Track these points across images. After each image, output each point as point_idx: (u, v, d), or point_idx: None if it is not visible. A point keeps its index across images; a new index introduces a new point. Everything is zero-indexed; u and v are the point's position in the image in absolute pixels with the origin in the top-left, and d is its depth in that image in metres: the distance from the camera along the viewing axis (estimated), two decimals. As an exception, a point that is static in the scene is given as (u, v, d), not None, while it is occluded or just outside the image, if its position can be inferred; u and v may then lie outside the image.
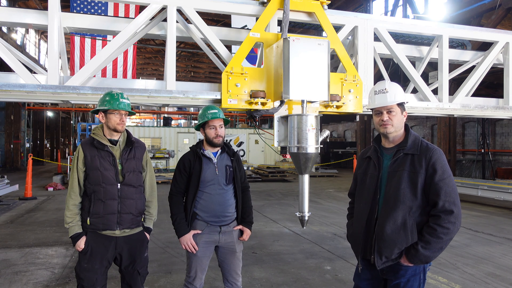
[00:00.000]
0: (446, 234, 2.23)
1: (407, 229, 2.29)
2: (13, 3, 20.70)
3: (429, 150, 2.35)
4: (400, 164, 2.38)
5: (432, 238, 2.24)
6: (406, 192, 2.31)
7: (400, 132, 2.49)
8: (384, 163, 2.47)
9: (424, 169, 2.31)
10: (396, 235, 2.30)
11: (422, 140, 2.43)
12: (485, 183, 11.11)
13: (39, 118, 30.30)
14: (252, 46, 3.95)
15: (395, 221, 2.31)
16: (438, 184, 2.27)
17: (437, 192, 2.27)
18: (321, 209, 10.10)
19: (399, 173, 2.35)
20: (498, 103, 5.29)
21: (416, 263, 2.30)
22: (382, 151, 2.53)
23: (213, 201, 3.13)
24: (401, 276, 2.35)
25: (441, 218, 2.24)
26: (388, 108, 2.44)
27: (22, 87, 3.54)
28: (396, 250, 2.31)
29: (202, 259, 3.13)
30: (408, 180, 2.32)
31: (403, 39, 7.53)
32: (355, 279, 2.64)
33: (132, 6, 12.94)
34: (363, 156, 2.66)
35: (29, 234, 7.11)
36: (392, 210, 2.33)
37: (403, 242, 2.30)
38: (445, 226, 2.23)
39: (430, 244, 2.24)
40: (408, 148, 2.39)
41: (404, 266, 2.34)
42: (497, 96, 5.58)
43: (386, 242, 2.32)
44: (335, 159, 25.64)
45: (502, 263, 5.60)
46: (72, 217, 2.91)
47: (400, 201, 2.31)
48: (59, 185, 13.91)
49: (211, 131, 3.15)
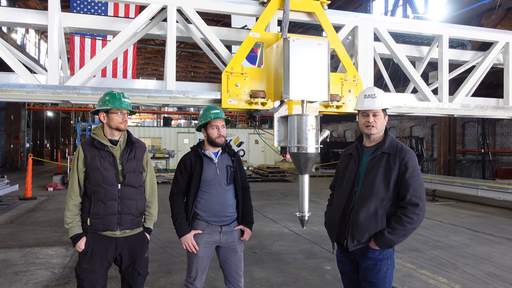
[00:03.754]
0: (410, 223, 2.56)
1: (378, 217, 2.62)
2: (13, 3, 20.70)
3: (403, 151, 2.69)
4: (377, 161, 2.70)
5: (398, 225, 2.57)
6: (380, 185, 2.63)
7: (381, 133, 2.80)
8: (363, 160, 2.79)
9: (397, 166, 2.64)
10: (368, 222, 2.62)
11: (398, 142, 2.77)
12: (485, 183, 11.10)
13: (39, 118, 30.29)
14: (252, 46, 3.95)
15: (368, 209, 2.62)
16: (408, 180, 2.60)
17: (406, 187, 2.59)
18: (321, 209, 10.09)
19: (376, 169, 2.68)
20: (498, 103, 5.29)
21: (382, 246, 2.60)
22: (363, 149, 2.84)
23: (214, 201, 3.12)
24: (369, 259, 2.65)
25: (407, 209, 2.57)
26: (374, 111, 2.75)
27: (22, 87, 3.54)
28: (366, 235, 2.63)
29: (203, 259, 3.13)
30: (383, 175, 2.65)
31: (403, 39, 7.54)
32: (338, 265, 2.91)
33: (132, 6, 12.94)
34: (346, 153, 2.97)
35: (29, 234, 7.11)
36: (366, 200, 2.64)
37: (373, 228, 2.62)
38: (410, 216, 2.56)
39: (395, 230, 2.57)
40: (386, 148, 2.71)
41: (372, 250, 2.64)
42: (497, 96, 5.58)
43: (358, 228, 2.64)
44: (335, 159, 25.62)
45: (502, 263, 5.60)
46: (72, 218, 2.90)
47: (374, 193, 2.63)
48: (59, 185, 13.91)
49: (213, 131, 3.15)
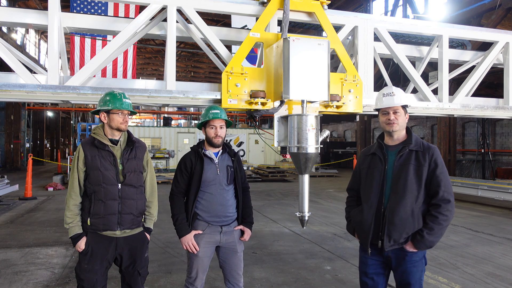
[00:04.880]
0: (445, 221, 2.59)
1: (415, 216, 2.62)
2: (13, 3, 20.70)
3: (431, 148, 2.72)
4: (406, 159, 2.70)
5: (435, 224, 2.57)
6: (413, 183, 2.64)
7: (403, 132, 2.81)
8: (389, 158, 2.78)
9: (427, 163, 2.65)
10: (405, 221, 2.61)
11: (422, 140, 2.79)
12: (485, 183, 11.10)
13: (39, 118, 30.29)
14: (252, 46, 3.95)
15: (405, 208, 2.61)
16: (439, 177, 2.62)
17: (438, 184, 2.61)
18: (321, 209, 10.11)
19: (406, 167, 2.67)
20: (498, 103, 5.29)
21: (421, 248, 2.61)
22: (387, 148, 2.82)
23: (214, 201, 3.12)
24: (407, 262, 2.65)
25: (441, 206, 2.58)
26: (394, 109, 2.78)
27: (22, 87, 3.54)
28: (404, 234, 2.61)
29: (203, 260, 3.13)
30: (414, 173, 2.65)
31: (403, 39, 7.53)
32: (361, 266, 2.87)
33: (132, 6, 12.94)
34: (367, 153, 2.93)
35: (29, 234, 7.11)
36: (401, 199, 2.63)
37: (411, 227, 2.61)
38: (445, 213, 2.58)
39: (434, 230, 2.57)
40: (413, 145, 2.72)
41: (409, 253, 2.64)
42: (497, 96, 5.58)
43: (396, 227, 2.62)
44: (335, 159, 25.65)
45: (502, 263, 5.60)
46: (72, 218, 2.90)
47: (408, 191, 2.63)
48: (59, 185, 13.91)
49: (211, 131, 3.15)
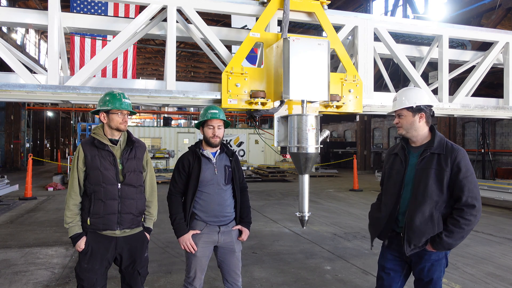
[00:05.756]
0: (468, 225, 2.52)
1: (434, 221, 2.58)
2: (13, 3, 20.70)
3: (454, 150, 2.61)
4: (427, 162, 2.64)
5: (455, 228, 2.53)
6: (433, 188, 2.58)
7: (421, 133, 2.74)
8: (410, 160, 2.75)
9: (449, 167, 2.57)
10: (424, 226, 2.58)
11: (447, 141, 2.69)
12: (485, 183, 11.09)
13: (39, 118, 30.29)
14: (252, 46, 3.95)
15: (423, 214, 2.58)
16: (462, 182, 2.54)
17: (461, 189, 2.54)
18: (321, 209, 10.10)
19: (427, 171, 2.62)
20: (498, 103, 5.29)
21: (439, 249, 2.60)
22: (410, 149, 2.80)
23: (212, 201, 3.12)
24: (426, 261, 2.65)
25: (464, 211, 2.52)
26: (398, 112, 2.79)
27: (22, 87, 3.54)
28: (423, 239, 2.60)
29: (202, 259, 3.13)
30: (435, 177, 2.59)
31: (403, 39, 7.53)
32: (380, 260, 2.91)
33: (132, 6, 12.94)
34: (391, 152, 2.94)
35: (29, 234, 7.11)
36: (420, 204, 2.59)
37: (430, 232, 2.58)
38: (467, 218, 2.51)
39: (453, 233, 2.53)
40: (435, 148, 2.65)
41: (428, 252, 2.63)
42: (497, 96, 5.58)
43: (415, 233, 2.59)
44: (335, 159, 25.64)
45: (502, 263, 5.60)
46: (72, 217, 2.90)
47: (428, 196, 2.58)
48: (59, 185, 13.91)
49: (208, 131, 3.15)
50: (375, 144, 28.36)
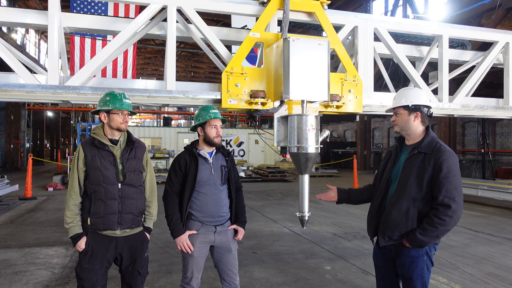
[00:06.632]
0: (442, 225, 2.55)
1: (409, 216, 2.64)
2: (13, 3, 20.70)
3: (440, 151, 2.65)
4: (413, 161, 2.71)
5: (429, 226, 2.57)
6: (413, 185, 2.65)
7: (416, 132, 2.80)
8: (401, 158, 2.83)
9: (432, 167, 2.62)
10: (399, 220, 2.66)
11: (438, 142, 2.73)
12: (485, 183, 11.10)
13: (39, 118, 30.29)
14: (252, 46, 3.95)
15: (400, 208, 2.67)
16: (441, 182, 2.57)
17: (439, 188, 2.57)
18: (321, 209, 10.10)
19: (410, 168, 2.70)
20: (498, 103, 5.29)
21: (414, 246, 2.64)
22: (403, 148, 2.88)
23: (208, 201, 3.12)
24: (406, 257, 2.69)
25: (439, 210, 2.56)
26: (395, 110, 2.86)
27: (22, 87, 3.54)
28: (397, 232, 2.67)
29: (198, 259, 3.13)
30: (417, 175, 2.66)
31: (403, 39, 7.53)
32: (373, 258, 2.99)
33: (132, 6, 12.94)
34: (388, 151, 3.03)
35: (29, 234, 7.11)
36: (399, 199, 2.68)
37: (404, 226, 2.65)
38: (442, 218, 2.54)
39: (426, 231, 2.58)
40: (422, 147, 2.71)
41: (407, 248, 2.68)
42: (497, 96, 5.58)
43: (389, 225, 2.70)
44: (335, 159, 25.65)
45: (502, 263, 5.60)
46: (72, 217, 2.90)
47: (407, 192, 2.66)
48: (59, 185, 13.91)
49: (212, 131, 3.13)
50: (375, 144, 28.37)
